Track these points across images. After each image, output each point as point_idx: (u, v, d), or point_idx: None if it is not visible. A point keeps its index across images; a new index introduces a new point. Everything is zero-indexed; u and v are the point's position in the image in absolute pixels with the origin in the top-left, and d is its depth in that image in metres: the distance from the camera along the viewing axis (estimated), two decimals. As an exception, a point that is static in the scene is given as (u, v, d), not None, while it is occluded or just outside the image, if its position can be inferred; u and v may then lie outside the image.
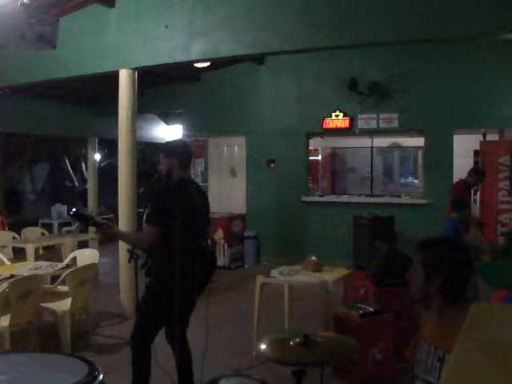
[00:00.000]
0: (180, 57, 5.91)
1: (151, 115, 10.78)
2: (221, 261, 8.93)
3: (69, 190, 15.19)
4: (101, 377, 2.04)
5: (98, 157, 12.34)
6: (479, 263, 5.29)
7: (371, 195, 10.49)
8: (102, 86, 8.42)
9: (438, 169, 8.39)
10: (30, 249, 7.20)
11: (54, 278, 5.39)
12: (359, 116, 8.88)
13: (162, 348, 3.48)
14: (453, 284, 1.99)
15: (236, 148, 10.23)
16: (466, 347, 1.34)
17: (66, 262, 6.14)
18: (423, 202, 8.46)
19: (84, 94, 9.77)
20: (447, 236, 2.18)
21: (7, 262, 6.09)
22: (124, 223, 6.09)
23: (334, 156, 14.13)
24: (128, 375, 3.42)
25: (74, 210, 3.47)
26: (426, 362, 1.96)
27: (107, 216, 11.95)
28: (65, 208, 12.31)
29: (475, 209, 7.66)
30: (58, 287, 5.29)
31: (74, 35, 6.19)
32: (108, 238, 3.72)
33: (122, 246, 5.68)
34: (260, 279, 5.01)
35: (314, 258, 5.36)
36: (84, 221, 3.41)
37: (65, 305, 4.92)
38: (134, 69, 6.14)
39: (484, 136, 10.20)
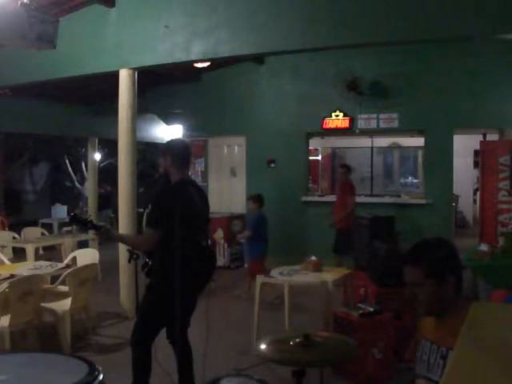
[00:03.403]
0: (180, 57, 5.91)
1: (151, 115, 10.77)
2: (221, 261, 8.93)
3: (69, 190, 15.18)
4: (101, 377, 2.04)
5: (98, 157, 12.33)
6: (480, 264, 5.30)
7: (371, 195, 10.49)
8: (102, 85, 8.42)
9: (438, 169, 8.39)
10: (29, 249, 7.20)
11: (54, 278, 5.40)
12: (359, 116, 8.88)
13: (162, 348, 3.48)
14: (460, 276, 1.99)
15: (236, 148, 10.23)
16: (467, 346, 1.35)
17: (66, 261, 6.15)
18: (423, 201, 8.46)
19: (84, 93, 9.77)
20: (426, 239, 2.13)
21: (7, 262, 6.09)
22: (124, 223, 6.09)
23: (333, 156, 14.13)
24: (128, 375, 3.42)
25: (72, 213, 3.50)
26: (429, 360, 1.96)
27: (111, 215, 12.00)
28: (65, 208, 12.33)
29: (475, 208, 7.67)
30: (58, 287, 5.29)
31: (74, 35, 6.19)
32: (108, 239, 3.72)
33: (122, 246, 5.68)
34: (260, 279, 5.02)
35: (313, 257, 5.36)
36: (83, 224, 3.42)
37: (65, 305, 4.92)
38: (134, 69, 6.14)
39: (484, 136, 10.22)
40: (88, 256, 6.05)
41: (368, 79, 8.66)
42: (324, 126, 9.13)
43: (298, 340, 2.33)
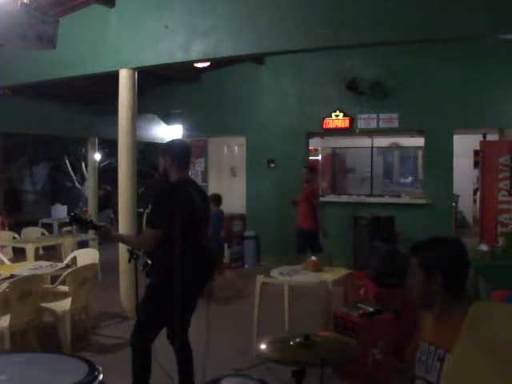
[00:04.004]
0: (180, 57, 5.91)
1: (151, 115, 10.77)
2: (221, 261, 8.92)
3: (69, 190, 15.18)
4: (101, 377, 2.04)
5: (98, 157, 12.33)
6: (480, 264, 5.29)
7: (371, 195, 10.49)
8: (103, 85, 8.42)
9: (438, 169, 8.39)
10: (29, 249, 7.19)
11: (54, 278, 5.39)
12: (359, 116, 8.88)
13: (162, 348, 3.48)
14: (453, 280, 1.99)
15: (236, 148, 10.23)
16: (467, 346, 1.34)
17: (66, 262, 6.15)
18: (423, 202, 8.46)
19: (84, 93, 9.77)
20: (439, 236, 2.14)
21: (7, 262, 6.09)
22: (124, 223, 6.09)
23: (334, 156, 14.12)
24: (128, 375, 3.42)
25: (72, 213, 3.50)
26: (427, 362, 1.96)
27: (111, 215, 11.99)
28: (65, 208, 12.33)
29: (475, 208, 7.67)
30: (58, 287, 5.29)
31: (74, 35, 6.19)
32: (108, 239, 3.72)
33: (122, 246, 5.68)
34: (260, 279, 5.01)
35: (313, 257, 5.37)
36: (83, 225, 3.42)
37: (65, 305, 4.92)
38: (134, 69, 6.14)
39: (484, 136, 10.21)
40: (88, 256, 6.05)
41: (368, 79, 8.66)
42: (324, 126, 9.13)
43: (297, 340, 2.33)
